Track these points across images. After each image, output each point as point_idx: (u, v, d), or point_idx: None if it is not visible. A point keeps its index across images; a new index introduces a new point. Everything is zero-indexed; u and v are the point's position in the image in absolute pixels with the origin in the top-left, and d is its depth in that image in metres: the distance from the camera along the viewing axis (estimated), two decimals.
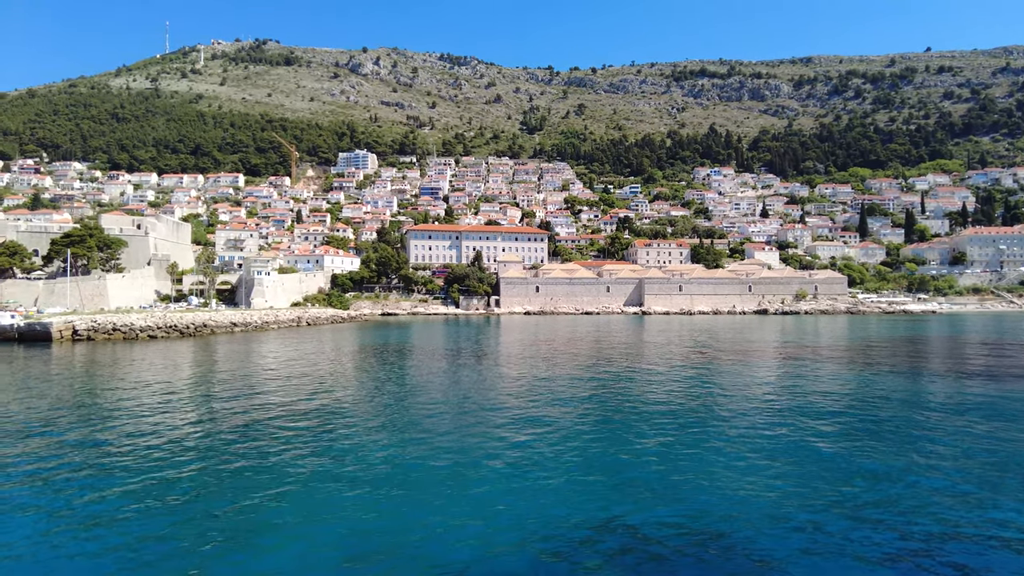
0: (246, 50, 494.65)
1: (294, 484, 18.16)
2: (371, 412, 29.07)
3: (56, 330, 68.28)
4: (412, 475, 18.90)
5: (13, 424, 26.19)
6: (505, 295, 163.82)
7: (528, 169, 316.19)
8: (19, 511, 15.90)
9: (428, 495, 17.14)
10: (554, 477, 18.78)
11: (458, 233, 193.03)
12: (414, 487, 17.83)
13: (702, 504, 16.50)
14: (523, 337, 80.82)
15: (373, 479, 18.53)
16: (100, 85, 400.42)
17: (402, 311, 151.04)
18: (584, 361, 50.60)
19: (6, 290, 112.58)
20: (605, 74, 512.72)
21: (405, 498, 16.95)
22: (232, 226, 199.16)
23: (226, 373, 44.16)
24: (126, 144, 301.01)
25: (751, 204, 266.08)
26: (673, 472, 19.35)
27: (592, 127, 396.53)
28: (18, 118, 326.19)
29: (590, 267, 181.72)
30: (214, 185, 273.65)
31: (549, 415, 27.91)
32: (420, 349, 63.35)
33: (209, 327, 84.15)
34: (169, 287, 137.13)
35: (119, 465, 20.01)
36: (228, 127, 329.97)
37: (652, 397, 32.75)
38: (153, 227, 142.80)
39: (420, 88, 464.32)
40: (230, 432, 24.78)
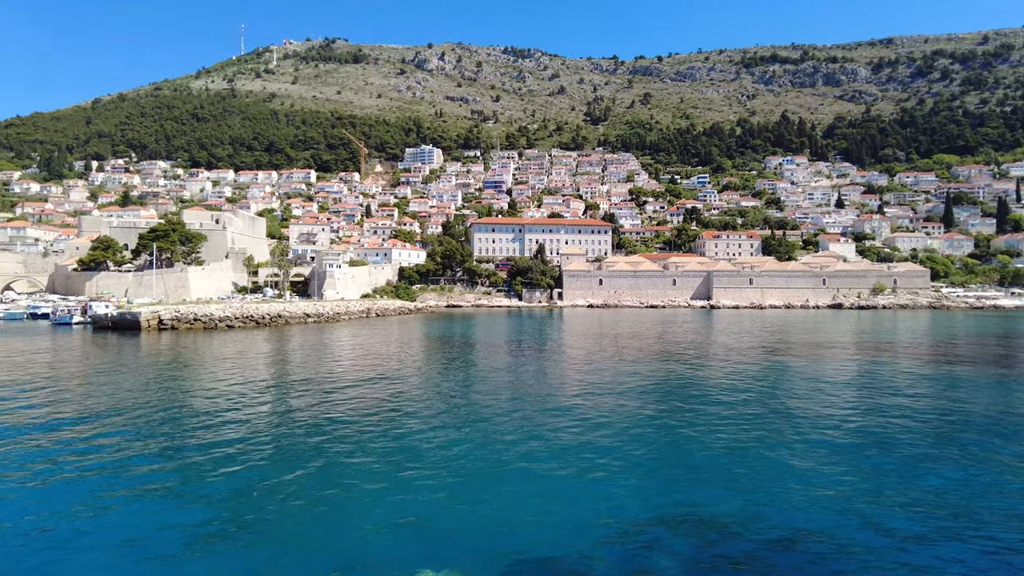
0: (316, 49, 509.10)
1: (365, 469, 18.88)
2: (438, 401, 29.76)
3: (144, 320, 72.57)
4: (478, 463, 19.32)
5: (107, 404, 28.15)
6: (568, 288, 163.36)
7: (592, 160, 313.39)
8: (109, 486, 17.19)
9: (495, 482, 17.50)
10: (620, 467, 18.83)
11: (521, 226, 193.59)
12: (481, 474, 18.23)
13: (769, 500, 16.25)
14: (586, 330, 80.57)
15: (441, 466, 19.04)
16: (182, 87, 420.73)
17: (466, 303, 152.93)
18: (649, 354, 50.10)
19: (101, 282, 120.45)
20: (671, 62, 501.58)
21: (472, 484, 17.36)
22: (305, 220, 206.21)
23: (300, 362, 46.02)
24: (205, 143, 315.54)
25: (825, 194, 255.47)
26: (740, 466, 19.08)
27: (658, 116, 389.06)
28: (110, 121, 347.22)
29: (655, 259, 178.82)
30: (287, 181, 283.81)
31: (613, 407, 27.88)
32: (484, 341, 64.14)
33: (283, 318, 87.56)
34: (246, 279, 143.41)
35: (199, 446, 21.30)
36: (300, 124, 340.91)
37: (720, 392, 32.20)
38: (230, 222, 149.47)
39: (484, 82, 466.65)
40: (303, 418, 25.90)
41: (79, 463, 19.00)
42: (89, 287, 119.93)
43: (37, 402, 28.66)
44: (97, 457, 19.71)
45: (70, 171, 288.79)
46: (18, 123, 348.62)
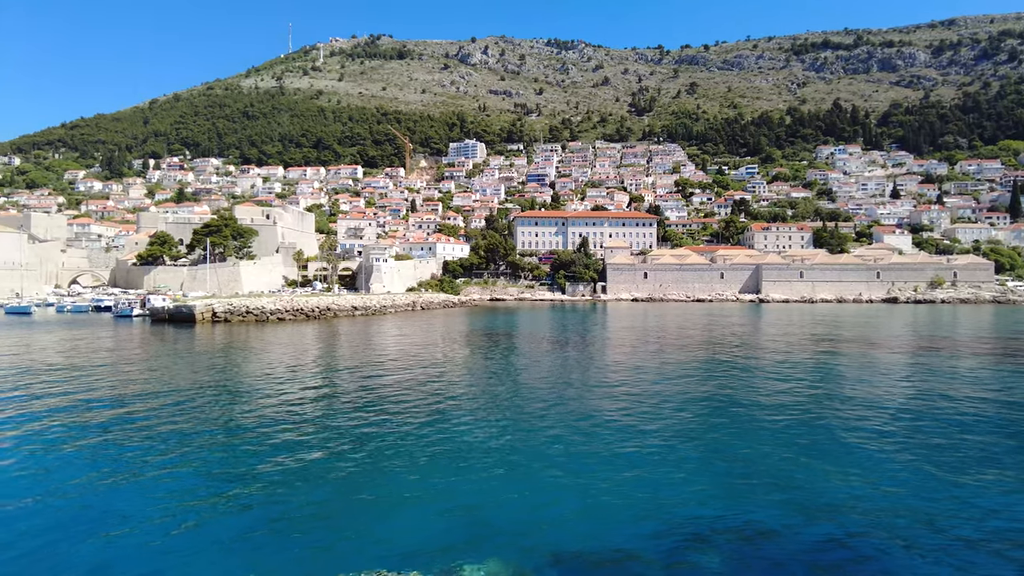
0: (362, 46, 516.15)
1: (409, 459, 19.18)
2: (481, 394, 30.00)
3: (199, 312, 75.07)
4: (521, 455, 19.39)
5: (163, 393, 29.28)
6: (612, 281, 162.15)
7: (636, 152, 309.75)
8: (163, 470, 17.91)
9: (538, 475, 17.54)
10: (664, 462, 18.67)
11: (564, 219, 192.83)
12: (523, 466, 18.30)
13: (817, 498, 15.89)
14: (631, 324, 79.93)
15: (484, 458, 19.18)
16: (233, 86, 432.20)
17: (509, 297, 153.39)
18: (696, 349, 49.40)
19: (158, 276, 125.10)
20: (718, 51, 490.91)
21: (515, 477, 17.45)
22: (352, 215, 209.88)
23: (347, 354, 46.97)
24: (255, 140, 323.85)
25: (880, 184, 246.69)
26: (788, 464, 18.69)
27: (705, 106, 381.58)
28: (166, 120, 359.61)
29: (702, 252, 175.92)
30: (335, 177, 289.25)
31: (658, 401, 27.62)
32: (527, 334, 64.28)
33: (332, 311, 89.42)
34: (295, 273, 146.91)
35: (249, 433, 21.97)
36: (346, 121, 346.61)
37: (768, 388, 31.55)
38: (280, 217, 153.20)
39: (527, 75, 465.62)
40: (349, 408, 26.45)
41: (135, 448, 19.85)
42: (147, 281, 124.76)
43: (99, 390, 30.00)
44: (152, 442, 20.54)
45: (129, 169, 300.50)
46: (83, 124, 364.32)
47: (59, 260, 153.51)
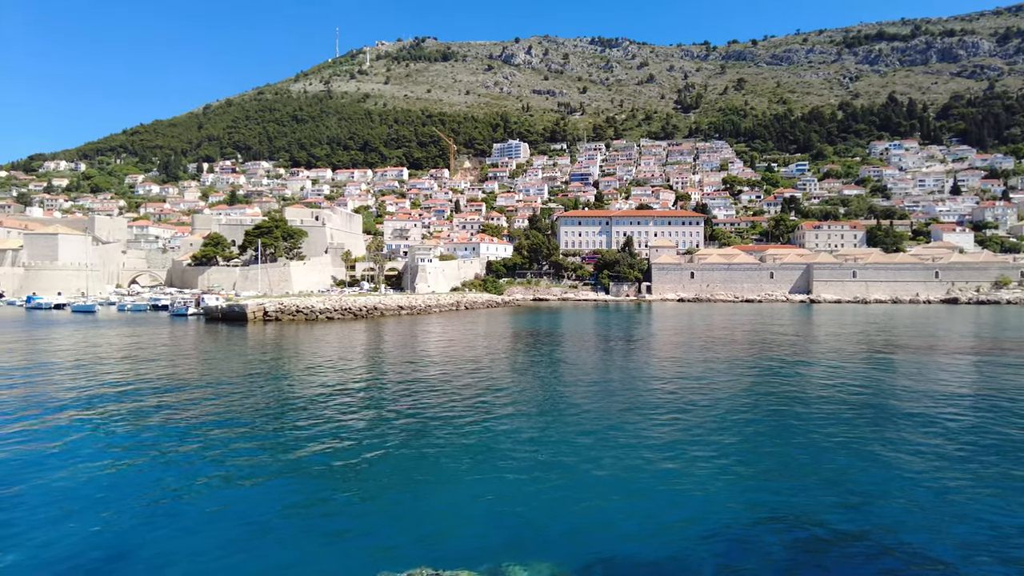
0: (407, 49, 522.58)
1: (453, 457, 19.27)
2: (525, 393, 29.95)
3: (250, 311, 77.12)
4: (566, 455, 19.26)
5: (217, 390, 30.14)
6: (657, 281, 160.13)
7: (683, 150, 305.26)
8: (213, 461, 18.41)
9: (582, 476, 17.38)
10: (711, 465, 18.29)
11: (608, 218, 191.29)
12: (568, 467, 18.16)
13: (868, 504, 15.32)
14: (676, 324, 78.79)
15: (528, 458, 19.13)
16: (282, 91, 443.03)
17: (552, 296, 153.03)
18: (744, 350, 48.35)
19: (212, 276, 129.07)
20: (767, 45, 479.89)
21: (560, 477, 17.33)
22: (398, 216, 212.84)
23: (393, 351, 47.58)
24: (304, 143, 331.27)
25: (939, 180, 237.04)
26: (838, 469, 18.08)
27: (753, 102, 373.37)
28: (219, 125, 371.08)
29: (751, 251, 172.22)
30: (381, 179, 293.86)
31: (705, 403, 27.10)
32: (571, 334, 63.98)
33: (379, 310, 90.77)
34: (343, 273, 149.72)
35: (296, 427, 22.41)
36: (392, 123, 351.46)
37: (820, 390, 30.62)
38: (329, 219, 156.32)
39: (571, 74, 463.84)
40: (394, 405, 26.76)
41: (189, 440, 20.49)
42: (201, 281, 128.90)
43: (156, 385, 31.10)
44: (204, 435, 21.17)
45: (184, 173, 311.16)
46: (142, 130, 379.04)
47: (120, 261, 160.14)
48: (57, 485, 16.35)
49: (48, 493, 15.78)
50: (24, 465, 17.94)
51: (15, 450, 19.42)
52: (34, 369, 37.06)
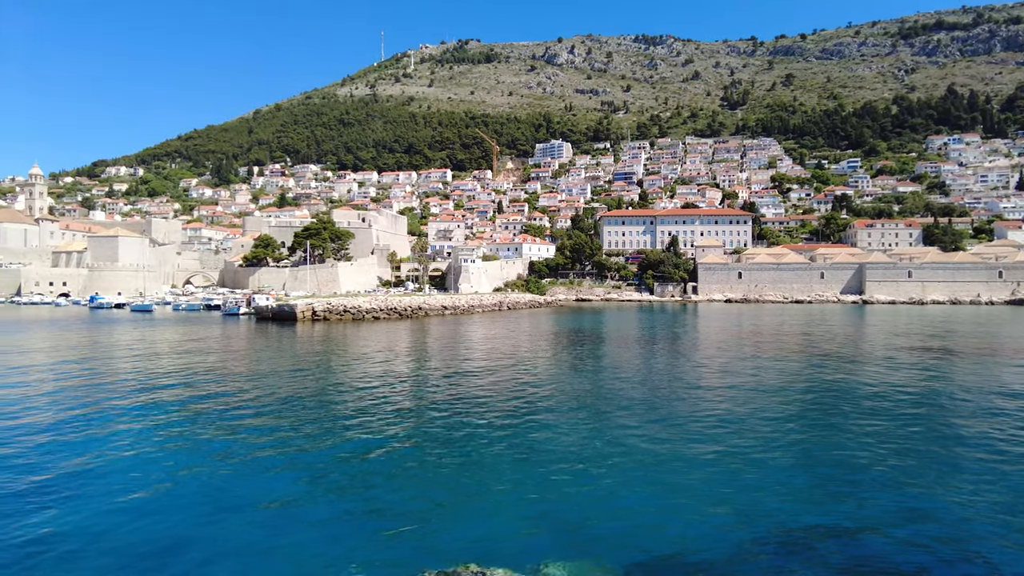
0: (450, 51, 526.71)
1: (496, 456, 19.38)
2: (568, 393, 29.89)
3: (299, 311, 78.95)
4: (609, 456, 19.13)
5: (266, 387, 30.97)
6: (703, 281, 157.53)
7: (729, 147, 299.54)
8: (264, 456, 18.91)
9: (626, 478, 17.25)
10: (758, 470, 17.95)
11: (652, 218, 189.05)
12: (611, 468, 18.04)
13: (921, 513, 14.80)
14: (724, 325, 77.42)
15: (571, 458, 19.09)
16: (329, 95, 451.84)
17: (595, 297, 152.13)
18: (794, 352, 47.21)
19: (262, 276, 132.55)
20: (816, 39, 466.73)
21: (603, 479, 17.25)
22: (442, 218, 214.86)
23: (438, 351, 48.07)
24: (351, 146, 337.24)
25: (1003, 175, 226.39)
26: (891, 475, 17.51)
27: (802, 98, 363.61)
28: (268, 129, 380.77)
29: (800, 251, 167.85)
30: (425, 181, 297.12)
31: (753, 406, 26.59)
32: (614, 335, 63.52)
33: (423, 310, 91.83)
34: (389, 273, 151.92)
35: (343, 425, 22.86)
36: (436, 126, 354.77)
37: (872, 396, 29.63)
38: (375, 220, 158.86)
39: (614, 72, 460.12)
40: (439, 403, 27.04)
41: (240, 435, 21.13)
42: (252, 281, 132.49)
43: (210, 381, 32.15)
44: (254, 431, 21.80)
45: (236, 176, 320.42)
46: (195, 136, 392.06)
47: (175, 262, 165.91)
48: (115, 476, 17.08)
49: (106, 484, 16.49)
50: (84, 456, 18.80)
51: (77, 442, 20.35)
52: (98, 363, 38.77)
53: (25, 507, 14.75)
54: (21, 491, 15.80)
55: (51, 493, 15.70)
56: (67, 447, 19.79)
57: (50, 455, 18.89)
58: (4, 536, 13.17)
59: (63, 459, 18.48)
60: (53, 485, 16.28)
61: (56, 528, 13.65)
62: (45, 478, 16.78)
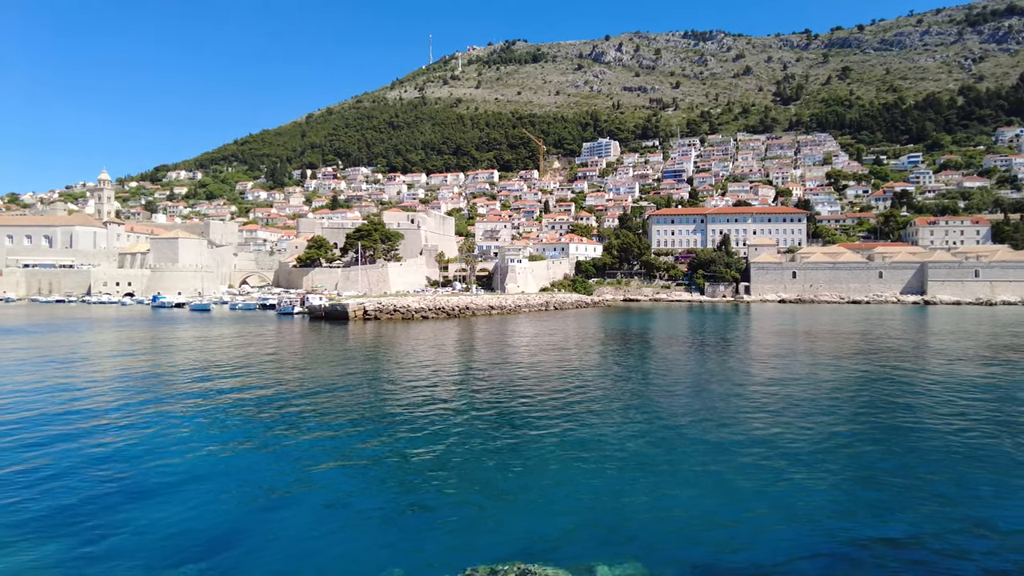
0: (497, 52, 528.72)
1: (544, 456, 19.43)
2: (616, 395, 29.72)
3: (351, 310, 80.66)
4: (657, 459, 18.96)
5: (319, 383, 31.75)
6: (756, 281, 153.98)
7: (782, 143, 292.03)
8: (313, 452, 19.41)
9: (675, 481, 17.05)
10: (811, 476, 17.49)
11: (703, 216, 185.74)
12: (660, 471, 17.87)
13: (982, 522, 14.18)
14: (777, 327, 75.59)
15: (619, 460, 19.03)
16: (379, 98, 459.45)
17: (644, 297, 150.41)
18: (851, 355, 45.73)
19: (315, 276, 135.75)
20: (875, 30, 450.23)
21: (651, 481, 17.12)
22: (488, 218, 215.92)
23: (485, 351, 48.40)
24: (400, 149, 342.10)
25: None
26: (951, 485, 16.82)
27: (859, 91, 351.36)
28: (320, 133, 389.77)
29: (858, 249, 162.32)
30: (472, 181, 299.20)
31: (807, 411, 25.91)
32: (663, 336, 62.74)
33: (470, 310, 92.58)
34: (437, 273, 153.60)
35: (392, 423, 23.27)
36: (483, 127, 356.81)
37: (936, 401, 28.47)
38: (424, 221, 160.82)
39: (663, 69, 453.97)
40: (487, 402, 27.26)
41: (294, 429, 21.77)
42: (306, 281, 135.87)
43: (265, 378, 33.18)
44: (308, 426, 22.43)
45: (289, 179, 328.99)
46: (251, 140, 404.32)
47: (232, 263, 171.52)
48: (172, 467, 17.83)
49: (164, 474, 17.23)
50: (143, 449, 19.70)
51: (138, 435, 21.32)
52: (161, 359, 40.48)
53: (89, 492, 15.53)
54: (83, 481, 16.64)
55: (113, 480, 16.50)
56: (130, 438, 20.75)
57: (114, 444, 19.86)
58: (68, 519, 13.89)
59: (124, 450, 19.41)
60: (116, 472, 17.11)
61: (117, 513, 14.36)
62: (108, 465, 17.65)
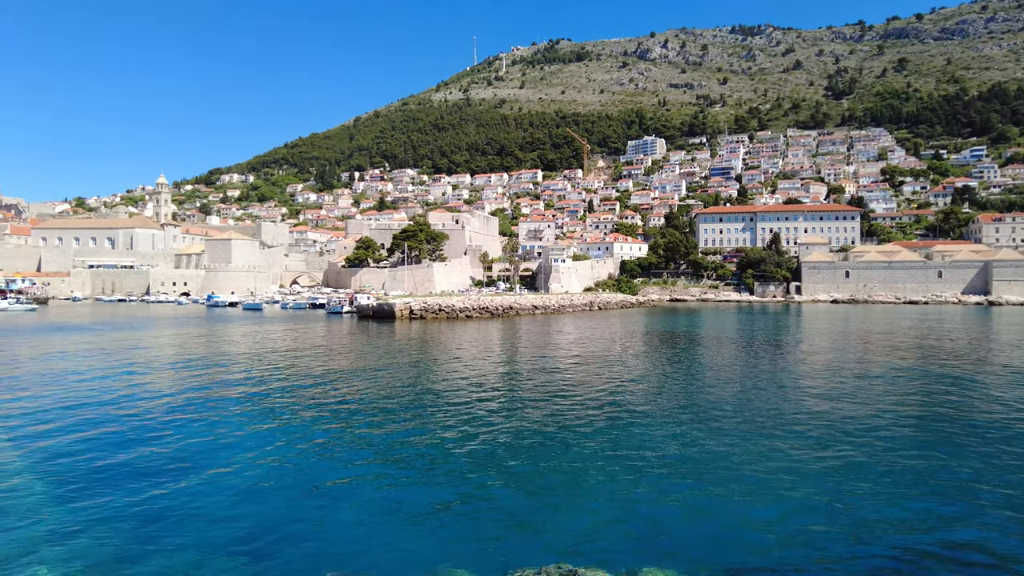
0: (541, 52, 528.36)
1: (590, 459, 19.31)
2: (663, 397, 29.37)
3: (398, 310, 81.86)
4: (704, 466, 18.55)
5: (367, 381, 32.33)
6: (807, 281, 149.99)
7: (835, 139, 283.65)
8: (363, 450, 19.76)
9: (722, 488, 16.65)
10: (868, 483, 16.92)
11: (752, 214, 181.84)
12: (707, 478, 17.49)
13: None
14: (830, 328, 73.48)
15: (666, 465, 18.73)
16: (424, 101, 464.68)
17: (691, 297, 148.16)
18: (908, 359, 44.06)
19: (363, 276, 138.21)
20: (935, 18, 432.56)
21: (698, 487, 16.78)
22: (532, 218, 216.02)
23: (529, 350, 48.45)
24: (445, 150, 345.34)
25: None
26: (1018, 496, 16.08)
27: (917, 83, 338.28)
28: (368, 136, 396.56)
29: (915, 248, 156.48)
30: (516, 182, 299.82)
31: (862, 417, 25.04)
32: (710, 337, 61.68)
33: (514, 309, 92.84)
34: (481, 273, 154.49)
35: (436, 421, 23.49)
36: (527, 127, 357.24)
37: (996, 409, 27.22)
38: (468, 222, 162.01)
39: (710, 65, 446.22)
40: (531, 403, 27.25)
41: (339, 426, 22.24)
42: (354, 281, 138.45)
43: (315, 375, 33.96)
44: (355, 422, 22.86)
45: (338, 182, 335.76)
46: (300, 143, 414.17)
47: (283, 263, 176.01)
48: (224, 460, 18.38)
49: (216, 466, 17.78)
50: (198, 440, 20.39)
51: (194, 427, 22.09)
52: (216, 357, 41.86)
53: (144, 484, 16.15)
54: (142, 470, 17.33)
55: (167, 474, 17.11)
56: (184, 431, 21.50)
57: (169, 437, 20.61)
58: (124, 511, 14.49)
59: (180, 441, 20.12)
60: (170, 465, 17.74)
61: (169, 504, 14.88)
62: (163, 459, 18.33)
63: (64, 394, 28.47)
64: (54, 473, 17.25)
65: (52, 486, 16.22)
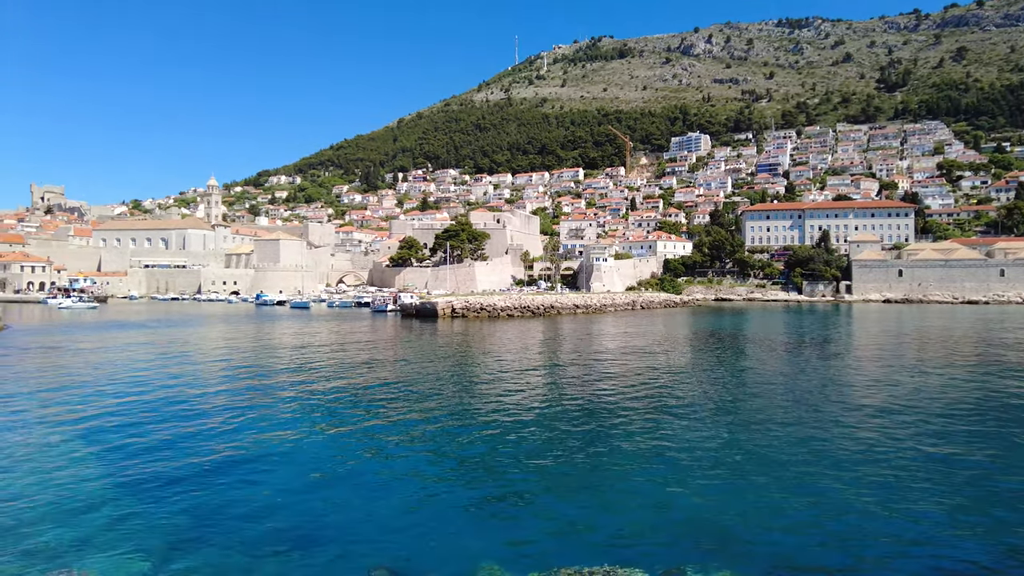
0: (583, 50, 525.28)
1: (632, 457, 19.31)
2: (707, 397, 29.07)
3: (440, 308, 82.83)
4: (749, 467, 18.36)
5: (409, 377, 32.85)
6: (858, 280, 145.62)
7: (887, 133, 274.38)
8: (404, 446, 20.13)
9: (766, 489, 16.46)
10: (918, 490, 16.45)
11: (800, 211, 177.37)
12: (751, 479, 17.26)
13: None
14: (882, 329, 71.33)
15: (709, 464, 18.60)
16: (466, 101, 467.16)
17: (737, 296, 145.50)
18: (965, 361, 42.51)
19: (407, 276, 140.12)
20: (997, 4, 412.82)
21: (741, 488, 16.59)
22: (573, 217, 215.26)
23: (570, 350, 48.46)
24: (487, 150, 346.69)
25: None
26: None
27: (977, 73, 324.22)
28: (411, 137, 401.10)
29: (974, 245, 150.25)
30: (557, 180, 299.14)
31: (914, 421, 24.29)
32: (757, 337, 60.57)
33: (555, 308, 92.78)
34: (522, 272, 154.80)
35: (476, 418, 23.73)
36: (568, 125, 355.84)
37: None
38: (509, 221, 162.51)
39: (755, 60, 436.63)
40: (571, 401, 27.32)
41: (386, 421, 22.70)
42: (398, 280, 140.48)
43: (361, 372, 34.69)
44: (396, 419, 23.32)
45: (382, 183, 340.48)
46: (346, 145, 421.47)
47: (329, 263, 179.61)
48: (272, 455, 19.01)
49: (265, 461, 18.41)
50: (247, 436, 21.09)
51: (244, 422, 22.86)
52: (266, 353, 43.13)
53: (198, 479, 16.83)
54: (195, 463, 18.05)
55: (218, 469, 17.77)
56: (236, 426, 22.28)
57: (220, 433, 21.39)
58: (180, 504, 15.14)
59: (231, 438, 20.86)
60: (221, 461, 18.42)
61: (222, 499, 15.46)
62: (214, 455, 19.04)
63: (124, 388, 29.78)
64: (112, 461, 18.11)
65: (111, 470, 17.04)
